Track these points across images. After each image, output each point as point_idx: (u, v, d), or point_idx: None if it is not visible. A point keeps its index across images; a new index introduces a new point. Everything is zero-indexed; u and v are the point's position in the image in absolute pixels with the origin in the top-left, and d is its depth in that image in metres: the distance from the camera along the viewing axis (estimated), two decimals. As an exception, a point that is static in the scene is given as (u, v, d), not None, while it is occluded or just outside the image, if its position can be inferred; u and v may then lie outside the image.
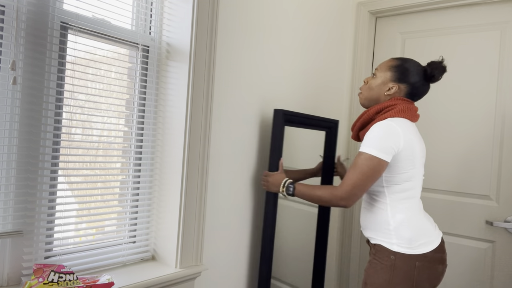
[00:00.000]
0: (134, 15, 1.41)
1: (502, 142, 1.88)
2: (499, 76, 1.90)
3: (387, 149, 1.27)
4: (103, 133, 1.38)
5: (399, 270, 1.29)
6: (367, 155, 1.28)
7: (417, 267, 1.29)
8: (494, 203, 1.89)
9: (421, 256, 1.30)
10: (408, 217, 1.33)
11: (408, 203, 1.35)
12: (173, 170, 1.40)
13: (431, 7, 2.06)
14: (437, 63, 1.39)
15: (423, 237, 1.32)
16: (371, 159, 1.28)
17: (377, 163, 1.27)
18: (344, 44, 2.26)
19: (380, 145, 1.27)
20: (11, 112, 1.09)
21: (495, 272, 1.88)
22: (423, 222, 1.35)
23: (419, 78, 1.40)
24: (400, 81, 1.40)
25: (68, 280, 1.06)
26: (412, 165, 1.32)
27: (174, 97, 1.41)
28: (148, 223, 1.46)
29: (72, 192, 1.37)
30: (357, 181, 1.29)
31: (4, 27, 1.07)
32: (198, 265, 1.42)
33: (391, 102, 1.38)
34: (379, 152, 1.27)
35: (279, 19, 1.77)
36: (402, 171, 1.32)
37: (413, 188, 1.35)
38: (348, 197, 1.30)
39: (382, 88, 1.43)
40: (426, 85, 1.42)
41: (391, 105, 1.37)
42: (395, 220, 1.33)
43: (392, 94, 1.41)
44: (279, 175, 1.54)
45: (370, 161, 1.28)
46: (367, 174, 1.28)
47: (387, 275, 1.30)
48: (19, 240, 1.12)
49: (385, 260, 1.32)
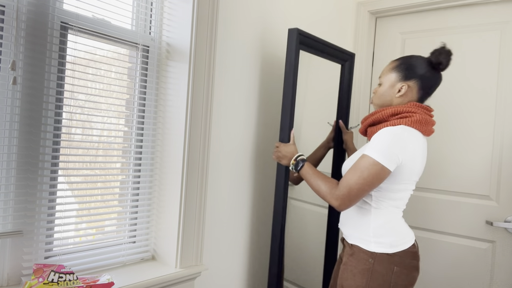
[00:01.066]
0: (134, 15, 1.41)
1: (502, 142, 1.88)
2: (499, 76, 1.90)
3: (392, 158, 1.21)
4: (103, 133, 1.38)
5: (376, 274, 1.27)
6: (371, 160, 1.21)
7: (395, 272, 1.27)
8: (494, 203, 1.89)
9: (399, 262, 1.28)
10: (388, 220, 1.31)
11: (392, 211, 1.32)
12: (173, 170, 1.40)
13: (431, 7, 2.06)
14: (440, 49, 1.32)
15: (400, 236, 1.30)
16: (374, 164, 1.21)
17: (380, 170, 1.21)
18: (344, 44, 2.26)
19: (387, 152, 1.21)
20: (11, 112, 1.09)
21: (495, 272, 1.88)
22: (400, 226, 1.33)
23: (426, 70, 1.32)
24: (407, 79, 1.33)
25: (68, 280, 1.06)
26: (408, 180, 1.29)
27: (174, 97, 1.41)
28: (148, 223, 1.46)
29: (72, 192, 1.37)
30: (355, 185, 1.22)
31: (4, 27, 1.07)
32: (198, 265, 1.42)
33: (410, 108, 1.29)
34: (384, 159, 1.20)
35: (279, 19, 1.77)
36: (396, 183, 1.28)
37: (401, 199, 1.33)
38: (343, 201, 1.24)
39: (392, 91, 1.36)
40: (436, 74, 1.34)
41: (409, 112, 1.29)
42: (376, 222, 1.31)
43: (404, 94, 1.34)
44: (292, 146, 1.45)
45: (373, 167, 1.21)
46: (367, 180, 1.21)
47: (364, 279, 1.28)
48: (19, 240, 1.12)
49: (362, 264, 1.29)
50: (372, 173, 1.21)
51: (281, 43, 1.78)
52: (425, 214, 2.07)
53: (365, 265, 1.28)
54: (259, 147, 1.71)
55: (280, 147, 1.48)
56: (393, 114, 1.31)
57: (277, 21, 1.76)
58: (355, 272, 1.30)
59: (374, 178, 1.22)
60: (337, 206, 1.26)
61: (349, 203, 1.24)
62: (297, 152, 1.44)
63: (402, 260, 1.28)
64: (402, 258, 1.28)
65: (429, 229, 2.06)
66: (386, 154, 1.21)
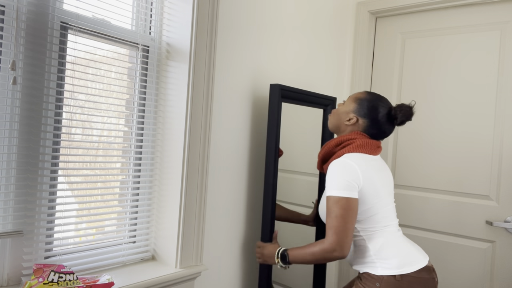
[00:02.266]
0: (134, 15, 1.42)
1: (502, 142, 1.88)
2: (499, 76, 1.90)
3: (349, 186, 1.25)
4: (103, 133, 1.38)
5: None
6: (334, 198, 1.25)
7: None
8: (494, 203, 1.89)
9: (407, 286, 1.24)
10: (386, 240, 1.31)
11: (384, 231, 1.32)
12: (173, 170, 1.40)
13: (431, 7, 2.06)
14: (404, 107, 1.36)
15: (406, 256, 1.28)
16: (339, 200, 1.24)
17: (347, 202, 1.23)
18: (344, 44, 2.26)
19: (341, 184, 1.25)
20: (11, 112, 1.09)
21: (495, 272, 1.88)
22: (403, 243, 1.32)
23: (381, 117, 1.38)
24: (360, 115, 1.39)
25: (68, 280, 1.06)
26: (376, 198, 1.30)
27: (174, 97, 1.41)
28: (148, 223, 1.46)
29: (72, 192, 1.37)
30: (337, 227, 1.22)
31: (4, 27, 1.07)
32: (198, 265, 1.42)
33: (350, 136, 1.37)
34: (343, 191, 1.24)
35: (278, 19, 1.77)
36: (367, 206, 1.29)
37: (384, 217, 1.33)
38: (338, 246, 1.22)
39: (344, 117, 1.43)
40: (388, 125, 1.39)
41: (349, 139, 1.37)
42: (374, 245, 1.30)
43: (350, 125, 1.41)
44: (272, 246, 1.44)
45: (339, 203, 1.24)
46: (343, 217, 1.23)
47: None
48: (19, 240, 1.12)
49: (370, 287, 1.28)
50: (342, 208, 1.23)
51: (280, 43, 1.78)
52: (425, 214, 2.07)
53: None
54: (260, 147, 1.71)
55: (261, 248, 1.48)
56: (337, 145, 1.39)
57: (277, 21, 1.76)
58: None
59: (348, 212, 1.23)
60: (338, 255, 1.24)
61: (344, 246, 1.23)
62: (277, 248, 1.42)
63: (411, 286, 1.24)
64: (412, 284, 1.25)
65: (429, 229, 2.06)
66: (342, 186, 1.25)
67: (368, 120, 1.39)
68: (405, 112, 1.36)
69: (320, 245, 1.26)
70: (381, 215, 1.32)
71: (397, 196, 2.16)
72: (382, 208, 1.32)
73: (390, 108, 1.40)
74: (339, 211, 1.23)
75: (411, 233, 2.11)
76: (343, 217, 1.23)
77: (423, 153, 2.09)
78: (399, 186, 2.17)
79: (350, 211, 1.24)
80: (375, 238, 1.31)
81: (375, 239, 1.31)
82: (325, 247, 1.24)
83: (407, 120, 1.37)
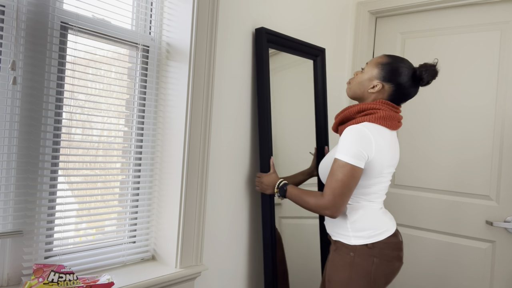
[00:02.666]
0: (134, 15, 1.41)
1: (502, 142, 1.88)
2: (499, 76, 1.90)
3: (359, 155, 1.26)
4: (103, 133, 1.38)
5: (357, 267, 1.32)
6: (341, 162, 1.27)
7: (375, 263, 1.32)
8: (494, 203, 1.89)
9: (379, 253, 1.32)
10: (365, 212, 1.35)
11: (367, 204, 1.36)
12: (173, 170, 1.40)
13: (431, 7, 2.06)
14: (428, 66, 1.34)
15: (379, 227, 1.35)
16: (345, 166, 1.26)
17: (351, 170, 1.26)
18: (344, 44, 2.26)
19: (352, 151, 1.26)
20: (11, 112, 1.09)
21: (495, 272, 1.88)
22: (378, 216, 1.37)
23: (407, 79, 1.35)
24: (385, 80, 1.35)
25: (68, 280, 1.06)
26: (378, 174, 1.32)
27: (174, 97, 1.41)
28: (148, 223, 1.46)
29: (72, 192, 1.37)
30: (336, 189, 1.26)
31: (4, 27, 1.07)
32: (198, 265, 1.42)
33: (375, 105, 1.34)
34: (352, 159, 1.25)
35: (278, 18, 1.77)
36: (367, 178, 1.32)
37: (375, 192, 1.36)
38: (332, 207, 1.28)
39: (367, 84, 1.38)
40: (413, 87, 1.37)
41: (373, 109, 1.33)
42: (352, 216, 1.35)
43: (375, 92, 1.37)
44: (273, 176, 1.51)
45: (344, 168, 1.26)
46: (344, 182, 1.26)
47: (346, 272, 1.33)
48: (19, 240, 1.12)
49: (344, 258, 1.35)
50: (346, 174, 1.26)
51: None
52: (425, 214, 2.07)
53: (347, 259, 1.34)
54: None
55: (261, 178, 1.53)
56: (359, 111, 1.36)
57: (276, 21, 1.76)
58: (338, 266, 1.36)
59: (350, 179, 1.26)
60: (330, 214, 1.30)
61: (339, 208, 1.28)
62: (278, 179, 1.49)
63: (382, 251, 1.33)
64: (382, 249, 1.33)
65: (429, 229, 2.06)
66: (352, 153, 1.26)
67: (393, 84, 1.35)
68: (430, 71, 1.33)
69: (316, 199, 1.32)
70: (373, 191, 1.36)
71: (397, 196, 2.16)
72: (377, 185, 1.35)
73: (414, 69, 1.36)
74: (342, 176, 1.26)
75: (411, 233, 2.11)
76: (344, 183, 1.26)
77: (423, 153, 2.09)
78: (399, 186, 2.17)
79: (352, 179, 1.26)
80: (355, 209, 1.36)
81: (355, 210, 1.36)
82: (320, 203, 1.30)
83: (433, 79, 1.35)
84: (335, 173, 1.28)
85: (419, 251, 2.09)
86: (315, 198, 1.32)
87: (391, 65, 1.36)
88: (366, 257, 1.32)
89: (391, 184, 2.19)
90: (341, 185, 1.26)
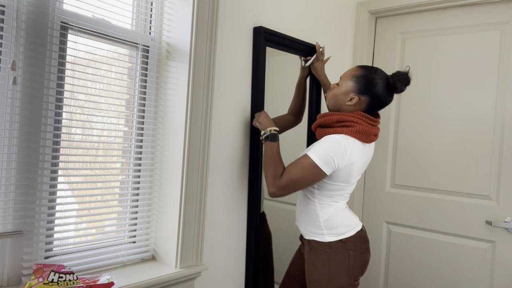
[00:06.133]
0: (134, 15, 1.41)
1: (502, 142, 1.88)
2: (499, 76, 1.90)
3: (330, 163, 1.33)
4: (103, 133, 1.38)
5: (335, 261, 1.40)
6: (311, 161, 1.34)
7: (351, 255, 1.41)
8: (494, 203, 1.90)
9: (353, 246, 1.42)
10: (336, 211, 1.44)
11: (335, 203, 1.45)
12: (173, 170, 1.40)
13: (431, 7, 2.06)
14: (401, 74, 1.38)
15: (349, 224, 1.44)
16: (313, 166, 1.33)
17: (315, 169, 1.34)
18: (344, 44, 2.26)
19: (325, 156, 1.33)
20: (11, 112, 1.09)
21: (495, 272, 1.88)
22: (346, 214, 1.47)
23: (381, 90, 1.39)
24: (361, 93, 1.40)
25: (68, 280, 1.06)
26: (346, 181, 1.41)
27: (174, 97, 1.41)
28: (148, 223, 1.46)
29: (72, 192, 1.37)
30: (294, 179, 1.35)
31: (4, 27, 1.07)
32: (198, 265, 1.42)
33: (353, 118, 1.38)
34: (322, 164, 1.33)
35: (278, 18, 1.77)
36: (335, 183, 1.40)
37: (340, 195, 1.46)
38: (280, 190, 1.36)
39: (344, 98, 1.43)
40: (388, 96, 1.42)
41: (351, 121, 1.38)
42: (323, 214, 1.43)
43: (353, 104, 1.42)
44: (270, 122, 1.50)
45: (311, 167, 1.34)
46: (304, 177, 1.35)
47: (326, 268, 1.40)
48: (19, 240, 1.12)
49: (321, 255, 1.42)
50: (309, 172, 1.35)
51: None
52: (425, 214, 2.07)
53: (324, 256, 1.42)
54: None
55: (261, 114, 1.53)
56: (338, 121, 1.41)
57: (276, 21, 1.76)
58: (317, 265, 1.42)
59: (310, 177, 1.36)
60: (271, 193, 1.38)
61: (283, 194, 1.38)
62: (274, 127, 1.49)
63: (355, 244, 1.43)
64: (355, 243, 1.43)
65: (429, 229, 2.06)
66: (324, 158, 1.33)
67: (369, 96, 1.40)
68: (403, 80, 1.38)
69: (275, 174, 1.38)
70: (338, 194, 1.44)
71: (397, 196, 2.17)
72: (343, 189, 1.44)
73: (387, 79, 1.40)
74: (305, 172, 1.35)
75: (411, 233, 2.11)
76: (303, 178, 1.35)
77: (423, 153, 2.09)
78: (399, 186, 2.17)
79: (311, 177, 1.36)
80: (326, 208, 1.44)
81: (326, 209, 1.44)
82: (275, 181, 1.37)
83: (407, 86, 1.40)
84: (299, 165, 1.36)
85: (419, 251, 2.09)
86: (274, 173, 1.38)
87: (366, 78, 1.40)
88: (342, 251, 1.41)
89: (391, 184, 2.19)
90: (299, 177, 1.35)
